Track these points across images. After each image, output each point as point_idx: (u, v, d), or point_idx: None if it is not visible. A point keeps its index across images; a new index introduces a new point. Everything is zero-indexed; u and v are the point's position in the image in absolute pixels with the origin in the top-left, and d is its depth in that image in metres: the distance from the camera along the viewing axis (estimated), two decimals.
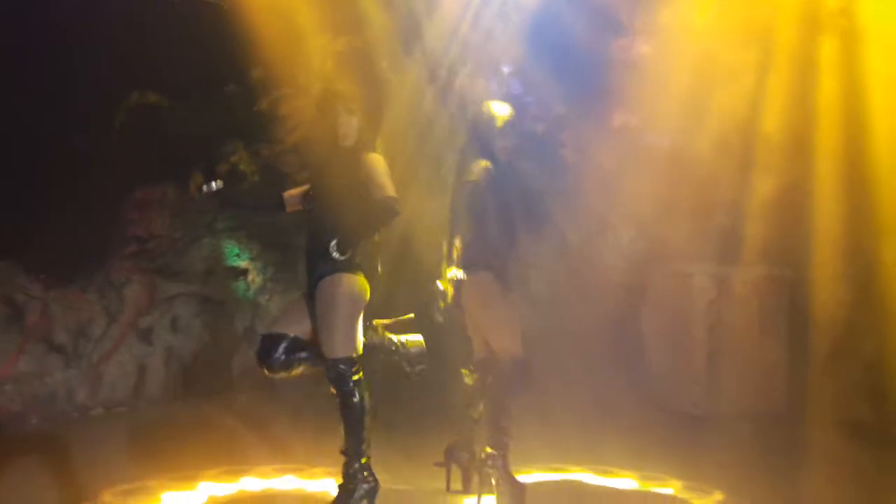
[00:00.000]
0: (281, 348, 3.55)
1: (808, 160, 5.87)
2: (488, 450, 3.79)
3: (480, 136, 3.93)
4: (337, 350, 3.44)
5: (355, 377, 3.45)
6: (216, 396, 6.09)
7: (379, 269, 3.73)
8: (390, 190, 3.47)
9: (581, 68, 6.79)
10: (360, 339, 3.54)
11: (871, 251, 5.77)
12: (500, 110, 4.01)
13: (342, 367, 3.44)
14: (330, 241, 3.40)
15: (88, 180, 5.79)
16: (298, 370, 3.62)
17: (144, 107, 6.41)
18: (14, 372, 5.23)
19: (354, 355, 3.47)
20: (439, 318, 3.77)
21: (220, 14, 6.01)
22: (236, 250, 6.60)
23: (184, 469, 4.27)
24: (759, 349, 5.91)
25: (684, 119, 6.52)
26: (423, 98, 6.86)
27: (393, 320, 3.91)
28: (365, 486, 3.47)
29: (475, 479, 3.95)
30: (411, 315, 3.94)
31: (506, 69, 7.36)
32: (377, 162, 3.54)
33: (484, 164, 3.79)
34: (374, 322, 3.82)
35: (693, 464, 4.53)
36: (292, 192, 3.82)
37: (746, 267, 6.04)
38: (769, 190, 6.04)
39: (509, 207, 3.93)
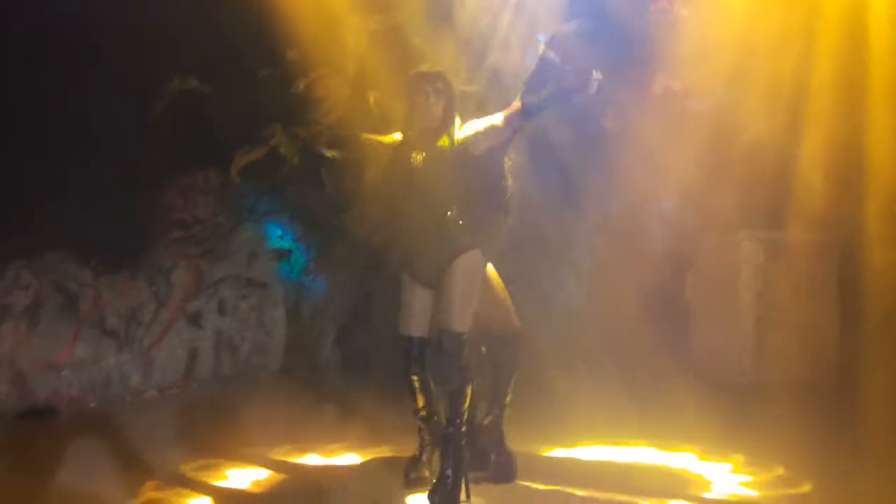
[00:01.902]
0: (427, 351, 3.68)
1: (856, 122, 5.68)
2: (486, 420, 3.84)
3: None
4: (458, 324, 3.50)
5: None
6: (264, 377, 6.22)
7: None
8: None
9: (619, 34, 6.64)
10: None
11: None
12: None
13: (463, 339, 3.51)
14: (452, 221, 3.49)
15: (132, 168, 5.87)
16: None
17: (185, 93, 6.46)
18: (71, 358, 5.38)
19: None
20: None
21: None
22: (279, 232, 6.68)
23: (244, 446, 4.38)
24: (808, 315, 5.78)
25: (728, 82, 6.36)
26: (458, 72, 6.79)
27: None
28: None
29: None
30: None
31: (541, 38, 7.24)
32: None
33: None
34: None
35: (748, 436, 4.45)
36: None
37: (794, 231, 5.89)
38: (817, 153, 5.86)
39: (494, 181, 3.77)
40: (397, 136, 3.74)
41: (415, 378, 3.72)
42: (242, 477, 3.99)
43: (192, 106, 6.25)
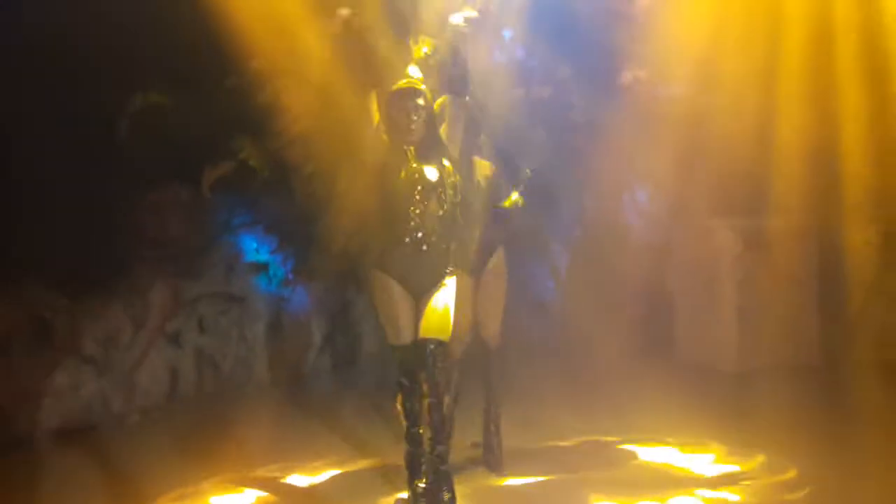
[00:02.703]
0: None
1: (827, 105, 5.72)
2: None
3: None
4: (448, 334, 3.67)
5: None
6: (248, 393, 6.16)
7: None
8: None
9: (583, 26, 6.65)
10: None
11: None
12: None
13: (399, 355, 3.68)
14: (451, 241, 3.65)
15: (100, 188, 5.76)
16: None
17: (148, 108, 6.35)
18: (50, 387, 5.28)
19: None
20: None
21: (215, 7, 5.91)
22: (255, 245, 6.60)
23: (229, 470, 4.32)
24: (789, 301, 5.82)
25: (697, 70, 6.38)
26: (427, 74, 6.75)
27: None
28: None
29: None
30: None
31: (507, 34, 7.22)
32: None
33: None
34: None
35: (731, 424, 4.49)
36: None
37: (771, 218, 5.93)
38: (790, 138, 5.90)
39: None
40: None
41: (414, 382, 3.65)
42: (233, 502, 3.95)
43: (157, 121, 6.14)
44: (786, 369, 5.63)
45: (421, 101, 3.65)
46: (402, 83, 3.72)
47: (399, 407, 3.67)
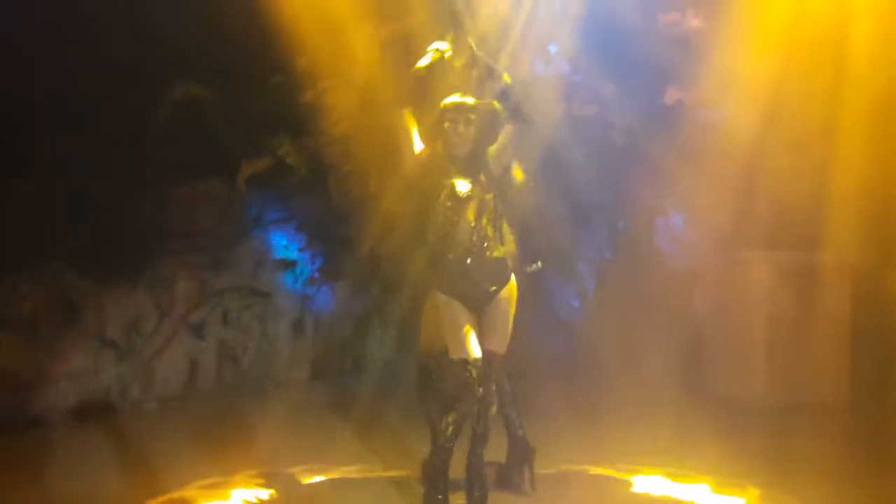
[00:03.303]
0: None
1: (870, 141, 5.56)
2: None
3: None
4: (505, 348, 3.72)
5: None
6: (266, 389, 6.15)
7: None
8: None
9: (630, 46, 6.57)
10: None
11: None
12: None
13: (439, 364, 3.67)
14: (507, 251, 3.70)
15: (135, 176, 5.79)
16: None
17: (189, 100, 6.38)
18: (69, 368, 5.30)
19: None
20: None
21: (265, 5, 5.93)
22: (284, 242, 6.60)
23: (243, 466, 4.27)
24: (821, 338, 5.65)
25: (741, 97, 6.25)
26: (469, 82, 6.71)
27: None
28: None
29: None
30: None
31: (552, 49, 7.17)
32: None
33: None
34: None
35: (763, 465, 4.33)
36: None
37: (808, 253, 5.78)
38: (829, 173, 5.75)
39: None
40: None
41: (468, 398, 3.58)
42: (246, 497, 3.91)
43: (198, 113, 6.17)
44: (815, 408, 5.48)
45: (473, 116, 3.67)
46: (454, 98, 3.69)
47: (439, 420, 3.58)
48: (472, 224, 3.60)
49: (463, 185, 3.64)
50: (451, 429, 3.55)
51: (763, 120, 5.90)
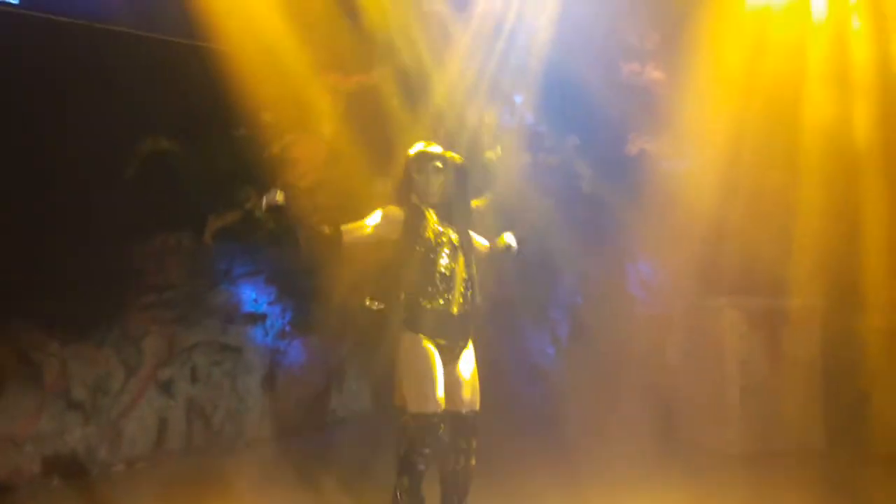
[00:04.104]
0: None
1: (838, 186, 5.73)
2: None
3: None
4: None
5: None
6: (237, 448, 6.00)
7: None
8: None
9: (594, 96, 6.73)
10: None
11: None
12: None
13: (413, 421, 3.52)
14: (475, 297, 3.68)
15: (102, 231, 5.71)
16: None
17: (156, 154, 6.35)
18: (34, 431, 5.13)
19: None
20: None
21: (229, 58, 5.98)
22: (254, 295, 6.52)
23: None
24: (793, 382, 5.72)
25: (703, 145, 6.42)
26: (436, 134, 6.80)
27: None
28: None
29: None
30: None
31: (518, 99, 7.32)
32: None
33: None
34: None
35: None
36: (357, 232, 3.71)
37: (778, 299, 5.87)
38: (799, 218, 5.90)
39: None
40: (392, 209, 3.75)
41: (426, 459, 3.50)
42: None
43: (165, 167, 6.14)
44: (789, 454, 5.51)
45: (439, 164, 3.70)
46: (418, 147, 3.73)
47: (404, 483, 3.45)
48: (464, 274, 3.61)
49: (453, 233, 3.68)
50: (407, 490, 3.42)
51: (725, 167, 6.06)
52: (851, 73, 5.78)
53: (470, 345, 3.69)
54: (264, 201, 3.72)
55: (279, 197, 3.65)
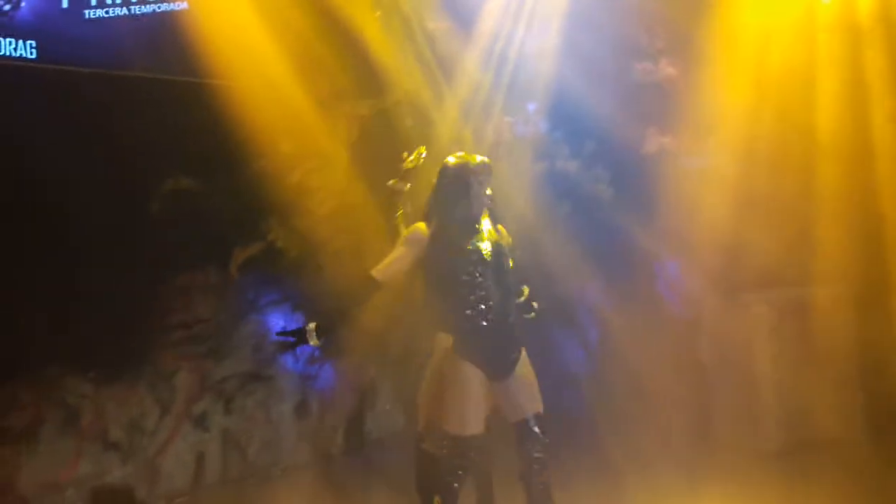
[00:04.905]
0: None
1: (867, 173, 5.61)
2: None
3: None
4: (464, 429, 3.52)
5: None
6: (274, 477, 6.05)
7: None
8: None
9: (607, 98, 6.68)
10: None
11: None
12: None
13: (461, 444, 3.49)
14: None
15: (128, 272, 5.82)
16: None
17: (179, 192, 6.47)
18: (74, 475, 5.23)
19: None
20: None
21: (242, 94, 6.07)
22: (282, 323, 6.58)
23: None
24: (828, 373, 5.59)
25: (724, 140, 6.33)
26: (455, 149, 6.80)
27: None
28: None
29: None
30: None
31: (531, 107, 7.29)
32: None
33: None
34: None
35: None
36: (391, 269, 3.62)
37: (808, 289, 5.75)
38: (825, 206, 5.78)
39: None
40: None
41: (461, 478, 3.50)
42: None
43: (188, 205, 6.25)
44: (827, 445, 5.39)
45: (489, 177, 3.72)
46: (480, 158, 3.71)
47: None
48: (509, 283, 3.60)
49: (487, 246, 3.62)
50: None
51: (743, 160, 5.96)
52: (864, 63, 5.66)
53: (523, 353, 3.63)
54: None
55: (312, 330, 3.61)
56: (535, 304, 4.01)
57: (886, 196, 5.57)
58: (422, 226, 3.66)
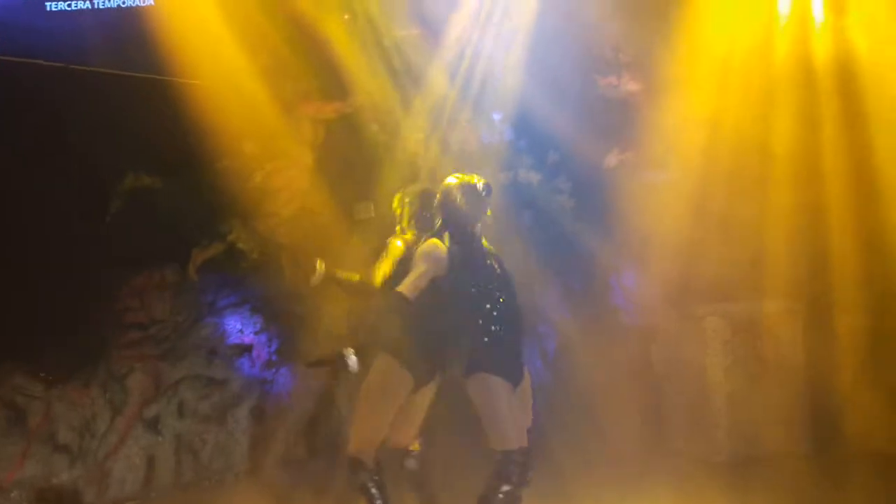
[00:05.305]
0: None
1: (816, 190, 5.78)
2: None
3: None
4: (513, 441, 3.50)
5: None
6: (227, 481, 5.98)
7: None
8: None
9: (571, 109, 6.76)
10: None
11: (884, 277, 5.66)
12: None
13: (521, 458, 3.49)
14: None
15: (84, 270, 5.73)
16: None
17: (139, 190, 6.38)
18: (20, 476, 5.11)
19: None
20: None
21: (207, 93, 6.02)
22: (239, 326, 6.52)
23: None
24: (778, 386, 5.74)
25: (682, 154, 6.45)
26: (417, 157, 6.83)
27: None
28: None
29: None
30: None
31: (497, 116, 7.35)
32: None
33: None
34: None
35: None
36: (418, 286, 3.62)
37: (760, 303, 5.90)
38: (777, 222, 5.93)
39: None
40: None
41: None
42: None
43: (147, 204, 6.16)
44: (774, 458, 5.51)
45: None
46: (476, 177, 3.75)
47: None
48: (514, 296, 3.65)
49: (494, 260, 3.69)
50: None
51: (700, 176, 6.10)
52: (817, 87, 5.85)
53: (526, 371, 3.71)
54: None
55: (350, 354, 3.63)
56: None
57: (835, 215, 5.75)
58: (438, 242, 3.69)
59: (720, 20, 6.22)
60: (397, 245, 3.96)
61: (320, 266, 3.82)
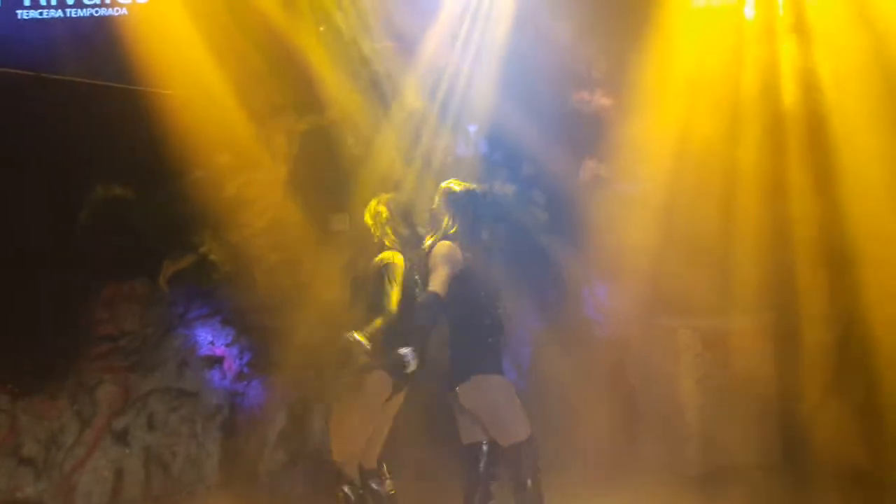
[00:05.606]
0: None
1: (785, 207, 5.88)
2: None
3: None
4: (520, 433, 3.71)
5: None
6: (198, 494, 5.92)
7: None
8: None
9: (545, 123, 6.82)
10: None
11: (851, 291, 5.75)
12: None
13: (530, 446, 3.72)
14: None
15: (53, 281, 5.66)
16: None
17: (110, 200, 6.32)
18: None
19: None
20: None
21: (179, 103, 6.00)
22: (210, 338, 6.47)
23: None
24: (748, 400, 5.80)
25: (656, 168, 6.54)
26: (395, 168, 6.84)
27: None
28: None
29: None
30: None
31: (472, 129, 7.39)
32: None
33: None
34: None
35: None
36: (447, 284, 3.72)
37: (731, 318, 5.97)
38: (745, 236, 6.02)
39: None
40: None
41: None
42: None
43: (118, 215, 6.11)
44: (742, 471, 5.57)
45: None
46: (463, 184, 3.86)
47: None
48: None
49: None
50: None
51: (672, 190, 6.18)
52: (784, 104, 5.98)
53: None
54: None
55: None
56: None
57: (801, 230, 5.85)
58: (452, 244, 3.75)
59: (690, 39, 6.33)
60: (397, 264, 3.90)
61: (361, 338, 3.63)
